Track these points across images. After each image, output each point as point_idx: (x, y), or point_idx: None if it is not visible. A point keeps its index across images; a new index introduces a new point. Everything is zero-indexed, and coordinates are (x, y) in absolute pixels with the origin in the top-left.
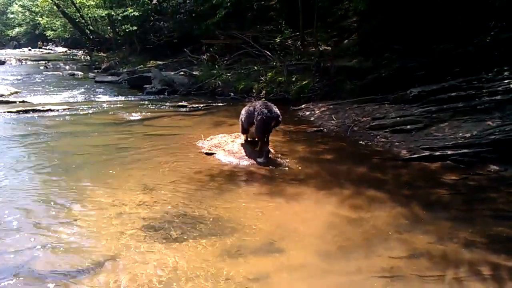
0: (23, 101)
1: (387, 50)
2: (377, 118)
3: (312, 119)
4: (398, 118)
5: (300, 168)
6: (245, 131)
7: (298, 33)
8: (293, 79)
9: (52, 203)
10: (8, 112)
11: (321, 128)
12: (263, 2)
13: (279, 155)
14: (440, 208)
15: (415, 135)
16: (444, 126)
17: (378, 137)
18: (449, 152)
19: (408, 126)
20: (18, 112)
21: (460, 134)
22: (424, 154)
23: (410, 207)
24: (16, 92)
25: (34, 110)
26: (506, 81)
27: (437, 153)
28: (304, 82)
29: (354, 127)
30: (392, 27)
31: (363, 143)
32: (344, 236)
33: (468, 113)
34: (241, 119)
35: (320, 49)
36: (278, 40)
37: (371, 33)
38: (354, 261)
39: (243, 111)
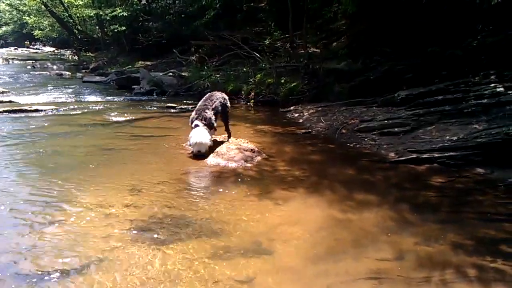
0: (10, 101)
1: (376, 52)
2: (365, 121)
3: (300, 121)
4: (385, 121)
5: (288, 169)
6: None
7: (287, 35)
8: (282, 81)
9: (38, 204)
10: None
11: (310, 130)
12: (252, 4)
13: (267, 157)
14: (427, 210)
15: (402, 137)
16: (432, 129)
17: (366, 139)
18: (436, 155)
19: (396, 129)
20: (4, 112)
21: (447, 137)
22: (411, 156)
23: (397, 209)
24: (3, 92)
25: (21, 110)
26: (492, 84)
27: (424, 156)
28: (293, 84)
29: (342, 129)
30: (381, 30)
31: (351, 145)
32: (332, 238)
33: (455, 116)
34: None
35: (309, 51)
36: (268, 42)
37: (360, 35)
38: (342, 263)
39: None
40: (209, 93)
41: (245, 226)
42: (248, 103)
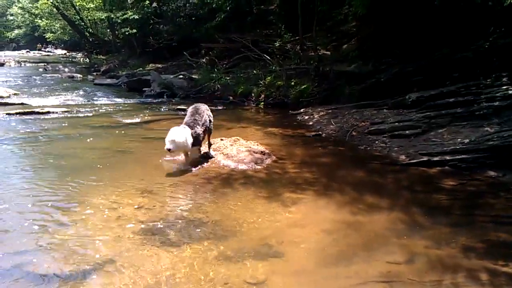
0: (22, 103)
1: (386, 55)
2: (376, 123)
3: (311, 123)
4: (396, 123)
5: (298, 172)
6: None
7: (297, 37)
8: (292, 83)
9: (50, 205)
10: (7, 114)
11: (320, 132)
12: (262, 6)
13: (277, 159)
14: (439, 213)
15: (413, 140)
16: (443, 131)
17: (376, 142)
18: (447, 158)
19: (407, 131)
20: (17, 114)
21: (459, 139)
22: (422, 159)
23: (408, 212)
24: (15, 94)
25: (33, 113)
26: (504, 87)
27: (436, 159)
28: (303, 87)
29: (353, 131)
30: (392, 32)
31: (362, 147)
32: (342, 240)
33: (467, 119)
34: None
35: (319, 53)
36: (278, 44)
37: (370, 37)
38: (352, 265)
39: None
40: (194, 106)
41: (255, 228)
42: (258, 106)
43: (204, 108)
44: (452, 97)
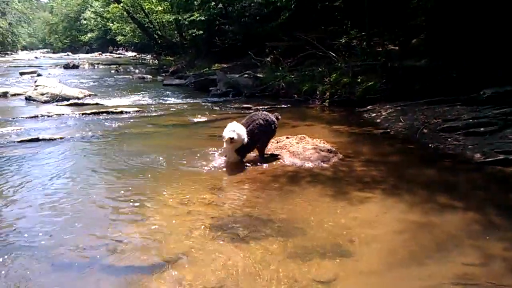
0: (97, 103)
1: (457, 49)
2: (449, 120)
3: (378, 120)
4: (470, 120)
5: (365, 170)
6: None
7: (363, 33)
8: (359, 80)
9: (121, 200)
10: (82, 113)
11: (388, 130)
12: (327, 3)
13: (344, 157)
14: None
15: (489, 137)
16: None
17: (449, 139)
18: None
19: (482, 129)
20: (92, 114)
21: None
22: (498, 157)
23: (484, 213)
24: (90, 95)
25: (107, 112)
26: None
27: None
28: (369, 83)
29: (423, 129)
30: (462, 26)
31: (433, 146)
32: (414, 241)
33: None
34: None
35: (387, 49)
36: (343, 41)
37: (440, 32)
38: (425, 267)
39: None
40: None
41: (323, 226)
42: (323, 103)
43: (259, 117)
44: None
